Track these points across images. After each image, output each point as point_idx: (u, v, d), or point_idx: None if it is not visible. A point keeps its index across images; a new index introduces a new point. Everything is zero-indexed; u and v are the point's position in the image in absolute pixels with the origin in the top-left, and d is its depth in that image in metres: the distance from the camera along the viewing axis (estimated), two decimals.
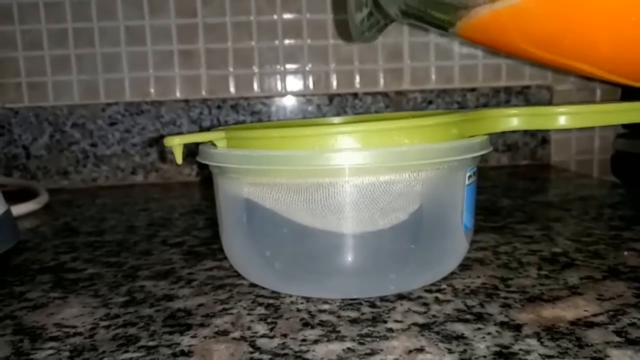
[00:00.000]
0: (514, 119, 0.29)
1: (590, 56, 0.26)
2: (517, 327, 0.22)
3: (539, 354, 0.20)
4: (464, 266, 0.30)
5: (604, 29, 0.24)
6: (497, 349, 0.20)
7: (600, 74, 0.28)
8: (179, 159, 0.25)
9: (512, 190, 0.53)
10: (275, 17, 0.65)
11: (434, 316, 0.23)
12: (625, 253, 0.31)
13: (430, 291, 0.26)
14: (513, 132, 0.68)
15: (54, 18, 0.63)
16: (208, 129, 0.64)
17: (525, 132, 0.69)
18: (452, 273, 0.29)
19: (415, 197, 0.24)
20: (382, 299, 0.26)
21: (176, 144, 0.25)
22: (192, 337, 0.22)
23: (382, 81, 0.67)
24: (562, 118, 0.28)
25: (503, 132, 0.67)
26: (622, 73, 0.28)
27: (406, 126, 0.24)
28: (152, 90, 0.65)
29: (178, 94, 0.65)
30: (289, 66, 0.66)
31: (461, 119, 0.26)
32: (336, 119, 0.38)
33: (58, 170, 0.64)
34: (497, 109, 0.29)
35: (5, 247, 0.34)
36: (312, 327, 0.23)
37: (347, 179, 0.24)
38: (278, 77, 0.66)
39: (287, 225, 0.25)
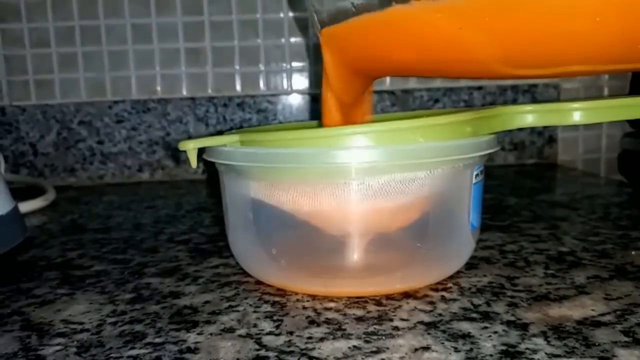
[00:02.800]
0: (528, 116, 0.28)
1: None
2: (524, 326, 0.22)
3: (546, 353, 0.20)
4: (471, 265, 0.30)
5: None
6: (504, 347, 0.20)
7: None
8: (194, 163, 0.25)
9: (518, 189, 0.53)
10: (281, 15, 0.65)
11: (440, 315, 0.23)
12: (633, 252, 0.31)
13: (436, 290, 0.26)
14: (520, 130, 0.68)
15: (61, 16, 0.63)
16: (215, 127, 0.65)
17: (532, 130, 0.68)
18: (459, 272, 0.29)
19: (424, 195, 0.24)
20: (388, 297, 0.26)
21: (191, 148, 0.25)
22: (198, 334, 0.22)
23: (388, 79, 0.67)
24: (576, 114, 0.27)
25: (510, 131, 0.67)
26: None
27: (421, 125, 0.24)
28: (158, 88, 0.65)
29: (184, 92, 0.65)
30: (295, 64, 0.66)
31: (476, 116, 0.26)
32: None
33: (65, 167, 0.65)
34: (511, 105, 0.28)
35: (13, 244, 0.34)
36: (318, 325, 0.23)
37: (354, 177, 0.23)
38: (284, 75, 0.66)
39: (293, 223, 0.25)
